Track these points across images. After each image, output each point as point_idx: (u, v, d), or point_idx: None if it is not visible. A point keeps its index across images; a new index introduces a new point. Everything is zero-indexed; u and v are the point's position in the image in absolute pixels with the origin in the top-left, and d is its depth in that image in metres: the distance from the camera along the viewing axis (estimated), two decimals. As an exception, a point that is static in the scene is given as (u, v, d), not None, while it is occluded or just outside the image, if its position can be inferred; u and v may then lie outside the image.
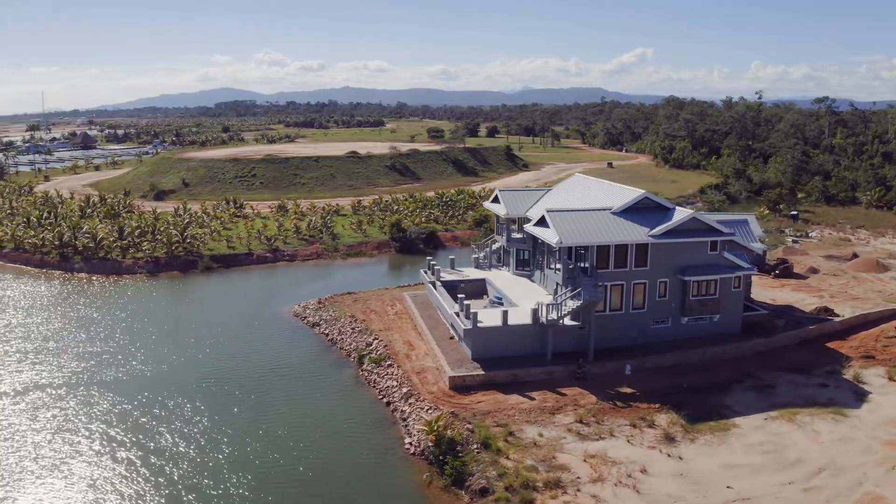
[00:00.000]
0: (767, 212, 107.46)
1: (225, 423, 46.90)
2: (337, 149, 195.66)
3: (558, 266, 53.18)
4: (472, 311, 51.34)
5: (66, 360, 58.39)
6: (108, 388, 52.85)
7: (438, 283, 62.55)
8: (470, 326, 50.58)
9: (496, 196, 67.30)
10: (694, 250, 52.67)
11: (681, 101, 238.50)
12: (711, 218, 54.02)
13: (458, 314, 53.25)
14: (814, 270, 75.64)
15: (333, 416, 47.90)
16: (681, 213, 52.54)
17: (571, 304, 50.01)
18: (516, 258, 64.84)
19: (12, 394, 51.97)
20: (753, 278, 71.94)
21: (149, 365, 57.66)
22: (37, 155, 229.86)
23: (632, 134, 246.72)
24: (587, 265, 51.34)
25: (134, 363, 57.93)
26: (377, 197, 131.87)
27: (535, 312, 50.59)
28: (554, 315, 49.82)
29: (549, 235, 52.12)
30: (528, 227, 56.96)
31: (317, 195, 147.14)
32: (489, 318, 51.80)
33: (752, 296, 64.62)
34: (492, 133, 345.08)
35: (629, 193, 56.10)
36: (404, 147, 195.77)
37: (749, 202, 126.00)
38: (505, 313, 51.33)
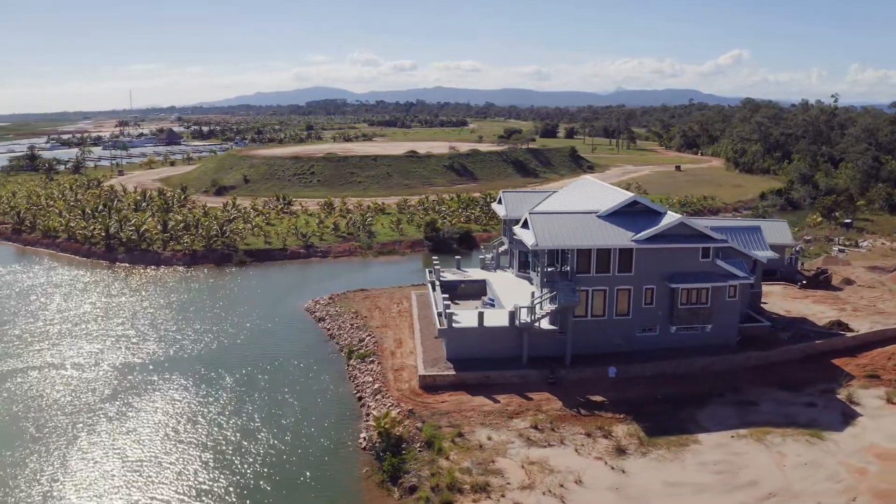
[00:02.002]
0: (821, 219, 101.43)
1: (205, 404, 49.82)
2: (400, 148, 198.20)
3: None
4: (450, 311, 51.10)
5: (76, 341, 62.11)
6: (113, 367, 55.95)
7: (437, 283, 62.44)
8: (445, 326, 50.33)
9: (500, 197, 66.59)
10: (683, 257, 50.45)
11: (756, 103, 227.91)
12: (701, 224, 51.63)
13: (440, 314, 53.08)
14: (848, 282, 71.03)
15: (307, 408, 49.06)
16: (669, 218, 50.44)
17: (547, 308, 48.93)
18: (518, 260, 64.03)
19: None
20: (776, 288, 68.82)
21: (152, 346, 61.10)
22: (113, 150, 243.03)
23: (709, 136, 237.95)
24: (568, 269, 50.13)
25: (143, 345, 61.43)
26: (424, 196, 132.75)
27: (512, 315, 49.83)
28: (529, 318, 48.90)
29: (527, 237, 51.21)
30: (516, 229, 56.13)
31: (371, 194, 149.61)
32: (466, 318, 51.37)
33: (763, 306, 61.69)
34: (570, 134, 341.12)
35: (624, 197, 54.26)
36: (464, 147, 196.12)
37: (813, 208, 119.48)
38: (481, 314, 50.80)
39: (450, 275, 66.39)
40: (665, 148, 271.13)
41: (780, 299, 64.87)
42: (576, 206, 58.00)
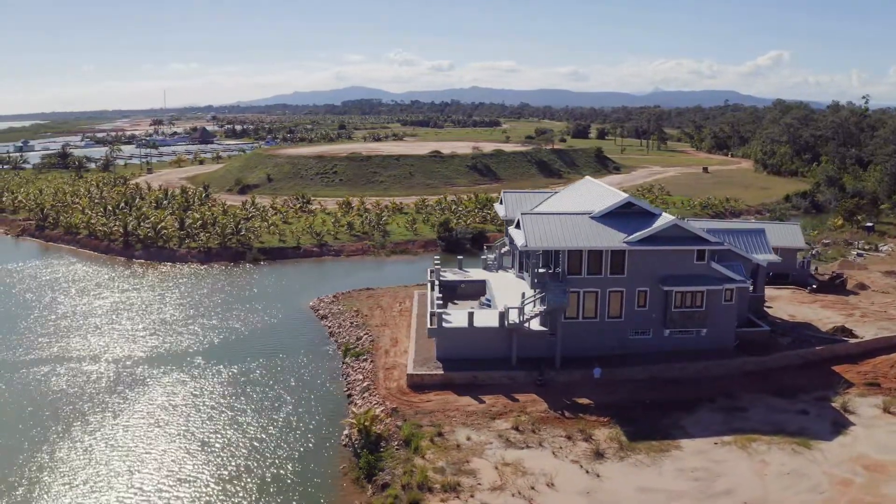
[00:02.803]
0: (842, 222, 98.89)
1: (200, 396, 51.09)
2: (427, 148, 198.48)
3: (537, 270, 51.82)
4: (440, 311, 51.00)
5: (83, 334, 63.55)
6: (115, 360, 57.17)
7: (435, 283, 62.39)
8: (434, 326, 50.28)
9: (501, 197, 66.28)
10: (677, 259, 49.64)
11: (787, 104, 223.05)
12: (698, 226, 50.74)
13: (432, 314, 53.02)
14: (862, 286, 69.17)
15: (298, 403, 49.71)
16: (662, 220, 49.66)
17: (536, 308, 48.58)
18: (519, 260, 63.58)
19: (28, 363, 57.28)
20: (785, 292, 67.37)
21: (156, 340, 62.39)
22: (143, 149, 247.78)
23: (739, 138, 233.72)
24: (559, 270, 49.70)
25: (148, 338, 62.72)
26: (442, 196, 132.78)
27: (502, 316, 49.58)
28: (518, 319, 48.61)
29: (518, 238, 50.90)
30: (510, 230, 55.82)
31: (392, 193, 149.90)
32: (457, 318, 51.27)
33: (768, 310, 60.47)
34: (602, 135, 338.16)
35: (619, 198, 53.60)
36: (488, 147, 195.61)
37: (835, 211, 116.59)
38: (471, 315, 50.63)
39: (451, 275, 66.25)
40: (696, 149, 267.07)
41: (787, 303, 63.45)
42: (575, 206, 57.47)
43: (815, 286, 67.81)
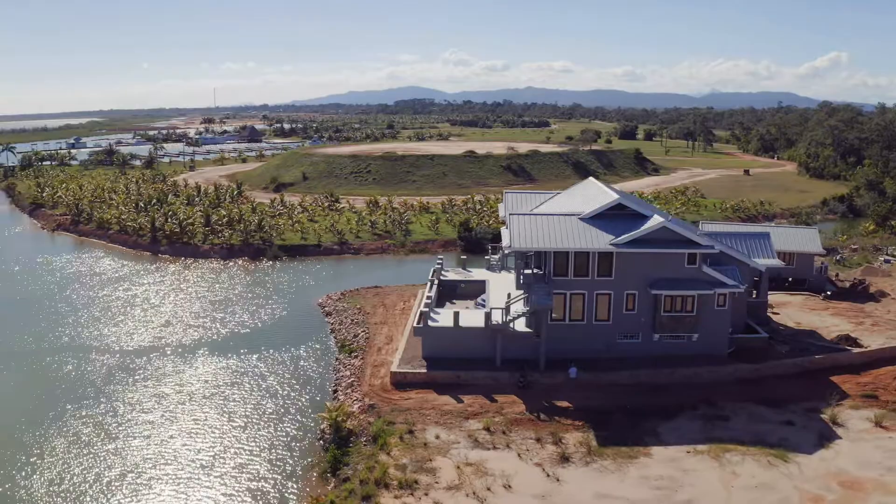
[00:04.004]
0: (874, 227, 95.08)
1: (195, 386, 52.71)
2: (467, 148, 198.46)
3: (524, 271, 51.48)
4: (427, 310, 51.15)
5: (95, 324, 65.90)
6: (120, 350, 59.09)
7: (435, 282, 62.52)
8: (420, 325, 50.41)
9: (503, 197, 65.89)
10: (666, 262, 48.59)
11: (834, 106, 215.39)
12: (683, 229, 49.38)
13: (422, 313, 53.17)
14: (882, 294, 66.44)
15: (288, 396, 50.71)
16: (651, 222, 48.66)
17: (520, 309, 48.22)
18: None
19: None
20: (798, 298, 65.32)
21: (165, 331, 64.34)
22: (189, 146, 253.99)
23: (787, 140, 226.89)
24: (545, 271, 49.24)
25: (157, 330, 64.69)
26: (469, 196, 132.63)
27: (487, 316, 49.39)
28: (501, 319, 48.35)
29: (505, 238, 50.58)
30: (502, 230, 55.49)
31: (424, 193, 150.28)
32: (444, 318, 51.29)
33: (775, 317, 58.80)
34: (649, 136, 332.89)
35: (609, 199, 52.74)
36: (525, 148, 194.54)
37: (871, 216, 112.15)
38: (457, 314, 50.59)
39: (453, 274, 66.37)
40: (743, 151, 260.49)
41: (796, 310, 61.46)
42: (574, 207, 56.80)
43: (829, 293, 65.46)
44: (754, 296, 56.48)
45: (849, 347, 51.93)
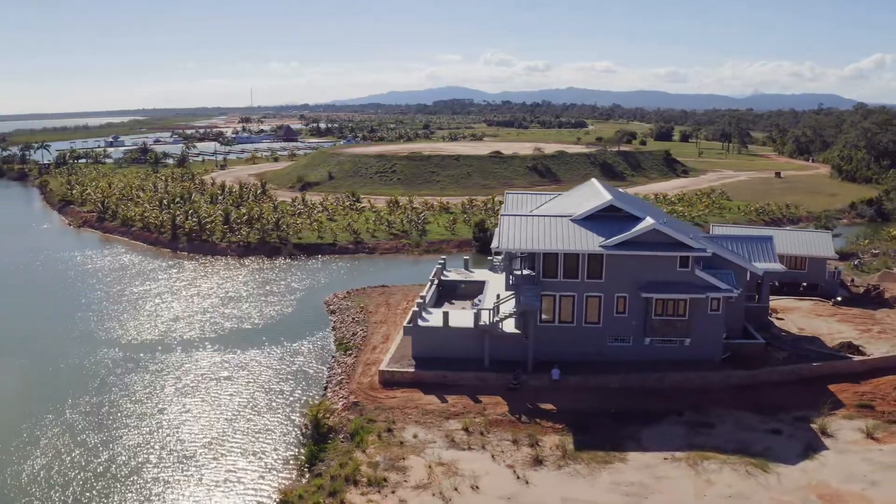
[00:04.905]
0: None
1: (194, 378, 54.04)
2: (493, 148, 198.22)
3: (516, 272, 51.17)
4: (417, 310, 51.24)
5: (105, 318, 67.52)
6: (129, 343, 60.55)
7: (434, 282, 62.62)
8: (410, 324, 50.54)
9: (505, 198, 65.60)
10: (658, 265, 47.85)
11: (869, 108, 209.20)
12: (676, 232, 48.44)
13: (415, 312, 53.29)
14: (896, 301, 64.51)
15: (281, 392, 51.55)
16: (643, 224, 47.96)
17: (507, 310, 48.02)
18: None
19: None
20: (806, 304, 63.91)
21: (172, 325, 65.77)
22: (223, 145, 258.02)
23: (822, 142, 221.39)
24: (535, 272, 48.93)
25: (165, 324, 66.16)
26: (489, 196, 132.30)
27: (476, 317, 49.30)
28: (488, 320, 48.21)
29: (495, 239, 50.42)
30: (495, 231, 55.28)
31: (448, 193, 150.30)
32: (434, 318, 51.35)
33: (779, 322, 57.55)
34: (685, 138, 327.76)
35: (602, 200, 52.12)
36: (550, 149, 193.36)
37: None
38: (446, 314, 50.61)
39: (454, 275, 66.36)
40: (778, 153, 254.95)
41: (801, 316, 59.99)
42: (572, 208, 56.33)
43: (840, 298, 63.73)
44: (756, 300, 55.37)
45: (850, 355, 50.48)
